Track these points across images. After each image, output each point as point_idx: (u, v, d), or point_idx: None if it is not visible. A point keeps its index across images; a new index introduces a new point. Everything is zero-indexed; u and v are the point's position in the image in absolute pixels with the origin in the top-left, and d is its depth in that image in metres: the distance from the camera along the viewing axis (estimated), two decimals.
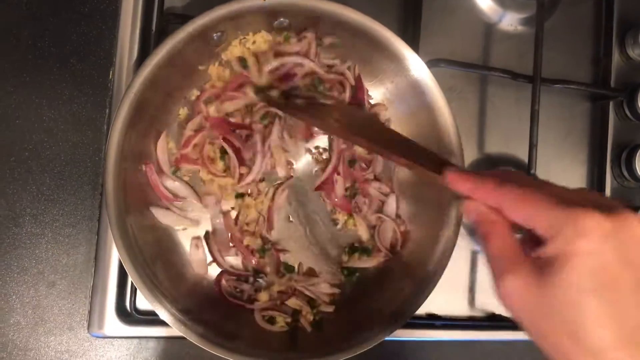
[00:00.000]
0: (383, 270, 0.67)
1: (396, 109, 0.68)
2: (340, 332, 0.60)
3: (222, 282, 0.63)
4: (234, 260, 0.65)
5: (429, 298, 0.61)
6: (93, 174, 0.64)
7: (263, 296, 0.63)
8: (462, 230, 0.76)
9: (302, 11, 0.58)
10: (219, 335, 0.56)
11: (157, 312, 0.55)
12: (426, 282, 0.60)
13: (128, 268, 0.55)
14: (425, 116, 0.63)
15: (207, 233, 0.64)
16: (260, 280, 0.65)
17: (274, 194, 0.65)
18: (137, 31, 0.65)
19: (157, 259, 0.60)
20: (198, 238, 0.64)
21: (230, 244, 0.64)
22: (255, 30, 0.61)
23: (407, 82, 0.63)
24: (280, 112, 0.63)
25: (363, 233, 0.67)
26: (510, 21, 0.80)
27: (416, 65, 0.62)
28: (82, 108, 0.64)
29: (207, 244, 0.64)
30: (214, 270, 0.64)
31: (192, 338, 0.55)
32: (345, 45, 0.64)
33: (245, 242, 0.64)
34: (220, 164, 0.63)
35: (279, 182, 0.66)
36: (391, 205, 0.68)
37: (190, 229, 0.64)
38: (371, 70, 0.66)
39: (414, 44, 0.69)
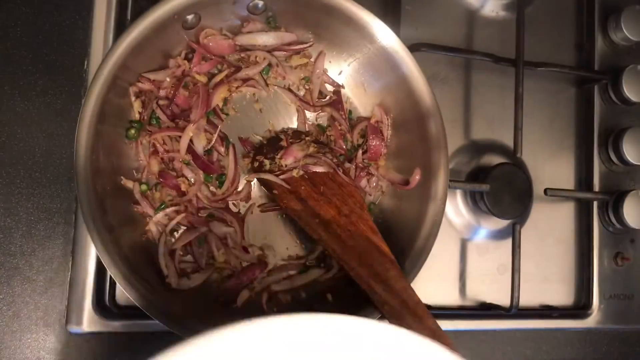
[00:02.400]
0: None
1: (371, 85, 0.67)
2: None
3: None
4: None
5: (419, 288, 0.59)
6: (69, 166, 0.62)
7: None
8: (452, 220, 0.76)
9: None
10: (204, 326, 0.54)
11: (138, 304, 0.53)
12: (414, 260, 0.59)
13: (106, 261, 0.53)
14: (401, 87, 0.62)
15: None
16: None
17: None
18: (112, 21, 0.64)
19: (136, 251, 0.58)
20: None
21: None
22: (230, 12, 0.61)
23: (377, 52, 0.62)
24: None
25: None
26: (492, 7, 0.80)
27: (383, 33, 0.61)
28: (57, 99, 0.63)
29: None
30: None
31: (176, 330, 0.53)
32: (319, 24, 0.63)
33: None
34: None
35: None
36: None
37: None
38: (341, 45, 0.65)
39: (395, 29, 0.68)
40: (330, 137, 0.67)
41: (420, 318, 0.54)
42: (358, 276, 0.57)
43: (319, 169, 0.63)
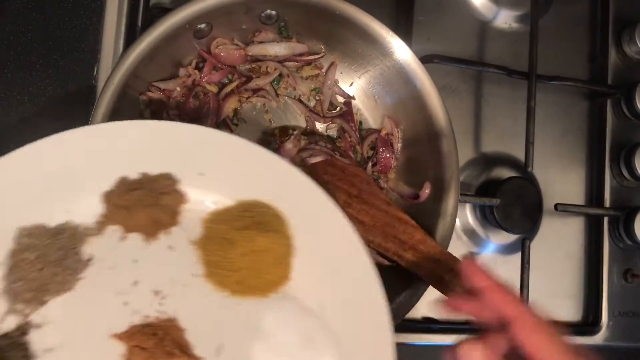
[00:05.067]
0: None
1: (383, 97, 0.66)
2: None
3: None
4: None
5: (425, 301, 0.59)
6: None
7: None
8: (459, 234, 0.75)
9: (288, 1, 0.57)
10: None
11: None
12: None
13: None
14: (413, 101, 0.61)
15: None
16: None
17: None
18: (123, 27, 0.64)
19: None
20: None
21: None
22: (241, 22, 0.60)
23: (390, 65, 0.62)
24: None
25: None
26: (504, 19, 0.79)
27: (397, 47, 0.60)
28: (66, 105, 0.62)
29: None
30: None
31: None
32: (331, 35, 0.63)
33: None
34: None
35: None
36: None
37: None
38: (353, 56, 0.64)
39: (407, 41, 0.68)
40: (340, 149, 0.67)
41: (456, 272, 0.55)
42: (386, 250, 0.58)
43: (317, 159, 0.62)
